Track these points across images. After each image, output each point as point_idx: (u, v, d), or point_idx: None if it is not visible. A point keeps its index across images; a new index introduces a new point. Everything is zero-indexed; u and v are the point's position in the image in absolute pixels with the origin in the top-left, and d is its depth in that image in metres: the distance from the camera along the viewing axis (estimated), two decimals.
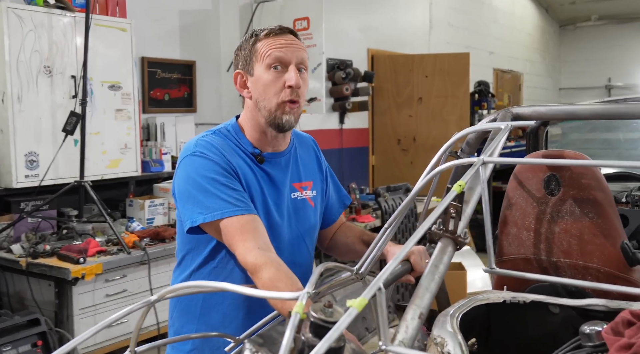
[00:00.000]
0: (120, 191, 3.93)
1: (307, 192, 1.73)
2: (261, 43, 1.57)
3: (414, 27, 7.44)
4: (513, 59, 10.20)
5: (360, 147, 6.56)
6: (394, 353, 0.98)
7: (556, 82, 12.49)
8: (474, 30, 8.88)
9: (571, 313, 1.51)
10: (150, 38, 4.27)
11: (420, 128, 6.58)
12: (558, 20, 12.34)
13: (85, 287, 3.03)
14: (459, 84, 6.43)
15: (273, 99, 1.56)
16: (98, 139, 3.54)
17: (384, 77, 6.61)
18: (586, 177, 1.52)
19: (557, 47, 12.49)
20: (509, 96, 9.97)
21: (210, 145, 1.58)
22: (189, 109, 4.58)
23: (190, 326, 1.67)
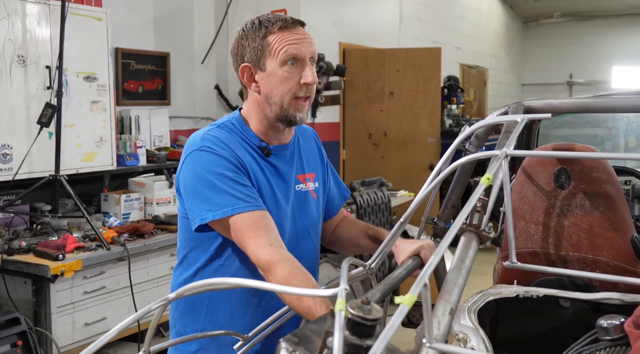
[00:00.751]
0: (94, 185, 3.82)
1: (310, 184, 1.71)
2: (274, 37, 1.52)
3: (384, 22, 7.45)
4: (479, 54, 10.32)
5: (331, 141, 6.54)
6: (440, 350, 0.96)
7: (519, 78, 12.71)
8: (442, 26, 8.95)
9: (582, 306, 1.52)
10: (124, 28, 4.15)
11: (392, 123, 6.60)
12: (522, 17, 12.55)
13: (64, 284, 2.93)
14: (430, 79, 6.47)
15: (287, 96, 1.52)
16: (73, 132, 3.43)
17: (355, 71, 6.59)
18: (597, 170, 1.52)
19: (520, 43, 12.69)
20: (475, 92, 10.09)
21: (218, 139, 1.54)
22: (162, 101, 4.48)
23: (196, 326, 1.62)
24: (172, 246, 3.40)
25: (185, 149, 1.57)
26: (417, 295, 0.89)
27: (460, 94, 7.67)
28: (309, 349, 0.98)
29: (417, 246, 1.55)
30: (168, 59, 4.48)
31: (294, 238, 1.63)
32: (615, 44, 11.86)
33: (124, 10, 4.13)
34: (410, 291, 0.89)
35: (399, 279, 1.43)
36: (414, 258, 1.55)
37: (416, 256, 1.55)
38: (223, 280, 1.18)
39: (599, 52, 11.99)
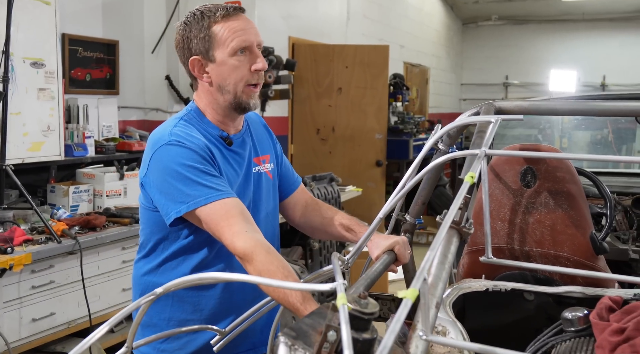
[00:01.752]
0: (39, 176, 3.68)
1: (266, 166, 1.75)
2: (218, 26, 1.55)
3: (332, 18, 7.49)
4: (421, 53, 10.53)
5: (279, 135, 6.50)
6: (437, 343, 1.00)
7: (459, 78, 13.04)
8: (387, 24, 9.08)
9: (546, 299, 1.60)
10: (71, 13, 4.01)
11: (340, 118, 6.66)
12: (462, 18, 12.87)
13: (10, 279, 2.82)
14: (378, 76, 6.56)
15: (240, 84, 1.56)
16: (19, 120, 3.29)
17: (304, 66, 6.60)
18: (561, 170, 1.61)
19: (460, 43, 13.02)
20: (417, 90, 10.28)
21: (186, 133, 1.56)
22: (111, 91, 4.36)
23: (164, 314, 1.62)
24: (124, 239, 3.32)
25: (152, 144, 1.56)
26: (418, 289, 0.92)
27: (406, 91, 7.81)
28: (307, 343, 0.99)
29: (392, 241, 1.59)
30: (117, 47, 4.37)
31: (259, 224, 1.65)
32: (548, 47, 12.34)
33: None
34: (411, 285, 0.92)
35: (378, 273, 1.46)
36: (389, 253, 1.59)
37: (390, 251, 1.59)
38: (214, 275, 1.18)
39: (534, 55, 12.45)
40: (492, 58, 12.89)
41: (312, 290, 1.09)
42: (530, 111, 1.59)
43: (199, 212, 1.47)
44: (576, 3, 11.17)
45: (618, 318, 1.31)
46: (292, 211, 1.84)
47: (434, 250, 1.01)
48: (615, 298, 1.39)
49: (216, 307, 1.60)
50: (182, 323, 1.58)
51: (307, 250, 4.96)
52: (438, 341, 0.94)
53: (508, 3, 11.64)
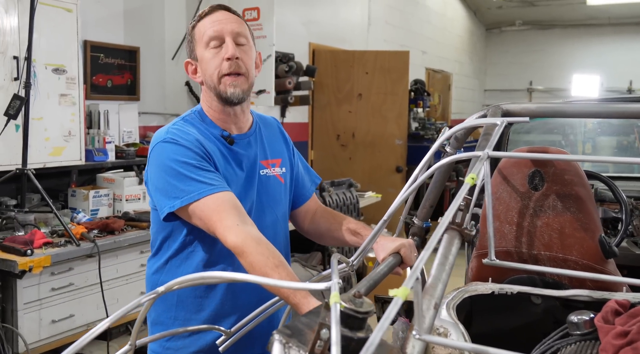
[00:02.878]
0: (61, 180, 3.75)
1: (275, 169, 1.76)
2: (198, 25, 1.63)
3: (353, 24, 7.51)
4: (444, 59, 10.49)
5: (300, 141, 6.56)
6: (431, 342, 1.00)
7: (482, 84, 12.96)
8: (409, 29, 9.07)
9: (553, 303, 1.58)
10: (93, 21, 4.09)
11: (360, 124, 6.66)
12: (485, 24, 12.80)
13: (31, 280, 2.88)
14: (399, 82, 6.55)
15: (214, 74, 1.60)
16: (41, 125, 3.36)
17: (324, 72, 6.63)
18: (569, 173, 1.59)
19: (483, 49, 12.94)
20: (439, 96, 10.24)
21: (181, 131, 1.59)
22: (132, 97, 4.42)
23: (169, 313, 1.64)
24: (142, 243, 3.37)
25: (151, 143, 1.62)
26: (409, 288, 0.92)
27: (427, 97, 7.79)
28: (302, 341, 1.00)
29: (398, 244, 1.59)
30: (138, 53, 4.43)
31: (267, 226, 1.67)
32: (573, 52, 12.21)
33: (93, 2, 4.07)
34: (403, 284, 0.93)
35: (382, 275, 1.46)
36: (394, 256, 1.59)
37: (396, 253, 1.59)
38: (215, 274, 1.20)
39: (558, 60, 12.32)
40: (516, 64, 12.79)
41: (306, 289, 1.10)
42: (537, 113, 1.58)
43: (193, 207, 1.49)
44: (602, 7, 11.03)
45: (623, 321, 1.29)
46: (301, 219, 1.86)
47: (428, 250, 1.01)
48: (622, 301, 1.37)
49: (219, 307, 1.62)
50: (186, 321, 1.60)
51: (325, 256, 4.97)
52: (432, 340, 0.94)
53: (532, 8, 11.54)
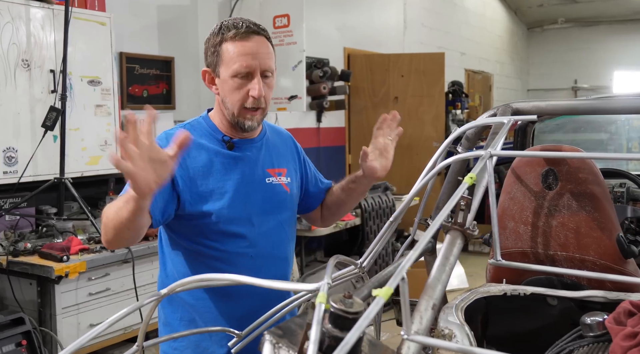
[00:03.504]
0: (99, 188, 3.87)
1: (281, 178, 1.77)
2: (227, 45, 1.58)
3: (388, 27, 7.50)
4: (484, 60, 10.35)
5: (337, 146, 6.58)
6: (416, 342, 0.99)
7: (524, 84, 12.72)
8: (446, 31, 8.99)
9: (569, 304, 1.55)
10: (128, 33, 4.21)
11: None
12: (526, 23, 12.57)
13: (68, 286, 2.97)
14: (434, 84, 6.51)
15: (236, 105, 1.60)
16: (77, 135, 3.48)
17: (360, 76, 6.64)
18: (583, 171, 1.55)
19: (525, 49, 12.71)
20: (480, 97, 10.10)
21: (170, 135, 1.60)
22: (167, 106, 4.53)
23: (177, 314, 1.67)
24: None
25: None
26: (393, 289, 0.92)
27: (465, 99, 7.70)
28: (292, 341, 1.01)
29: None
30: (173, 63, 4.54)
31: (269, 232, 1.69)
32: (618, 49, 11.86)
33: (128, 15, 4.19)
34: (387, 284, 0.93)
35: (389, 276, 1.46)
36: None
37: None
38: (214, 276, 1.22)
39: (603, 57, 12.00)
40: (559, 62, 12.51)
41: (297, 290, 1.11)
42: (546, 111, 1.55)
43: None
44: None
45: (635, 323, 1.26)
46: (315, 217, 1.93)
47: (416, 250, 1.01)
48: (637, 302, 1.33)
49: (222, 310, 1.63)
50: (191, 322, 1.63)
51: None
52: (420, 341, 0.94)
53: (574, 5, 11.28)
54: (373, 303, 0.88)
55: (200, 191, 1.60)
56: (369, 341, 1.11)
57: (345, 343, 0.82)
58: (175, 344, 1.67)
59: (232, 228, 1.63)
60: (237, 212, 1.64)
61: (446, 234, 1.29)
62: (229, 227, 1.63)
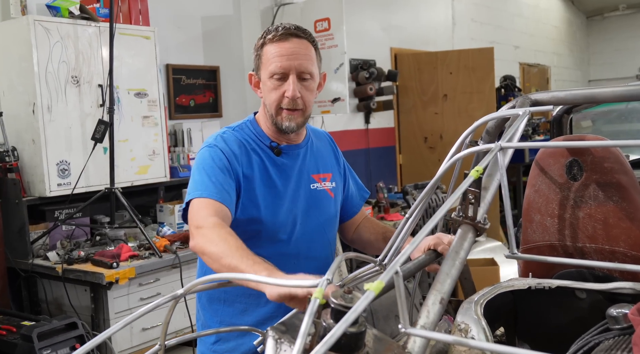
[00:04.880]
0: (150, 197, 4.00)
1: (326, 184, 1.77)
2: (267, 48, 1.62)
3: (436, 25, 7.41)
4: (539, 52, 10.07)
5: (387, 146, 6.56)
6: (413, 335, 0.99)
7: (585, 74, 12.29)
8: (498, 25, 8.80)
9: (599, 297, 1.50)
10: (173, 45, 4.34)
11: (447, 125, 6.55)
12: (585, 11, 12.15)
13: (120, 291, 3.09)
14: (484, 80, 6.38)
15: (273, 105, 1.63)
16: (126, 146, 3.61)
17: (407, 75, 6.59)
18: (609, 160, 1.50)
19: (584, 38, 12.29)
20: (536, 90, 9.84)
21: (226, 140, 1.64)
22: (214, 114, 4.64)
23: (217, 318, 1.70)
24: None
25: (202, 144, 1.69)
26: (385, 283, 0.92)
27: (518, 93, 7.52)
28: (295, 336, 1.02)
29: (433, 241, 1.57)
30: (218, 72, 4.64)
31: (309, 235, 1.69)
32: None
33: (173, 27, 4.31)
34: (379, 278, 0.93)
35: (407, 273, 1.46)
36: (428, 253, 1.57)
37: (431, 250, 1.58)
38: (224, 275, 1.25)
39: None
40: (622, 50, 12.02)
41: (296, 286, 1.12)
42: (565, 101, 1.50)
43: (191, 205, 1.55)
44: None
45: None
46: (347, 231, 1.91)
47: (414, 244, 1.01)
48: None
49: (264, 311, 1.65)
50: (232, 325, 1.65)
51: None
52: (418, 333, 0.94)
53: None
54: (363, 296, 0.89)
55: (251, 196, 1.63)
56: (374, 335, 1.11)
57: (332, 335, 0.83)
58: (214, 347, 1.70)
59: (276, 233, 1.66)
60: (284, 219, 1.66)
61: (458, 229, 1.28)
62: (275, 234, 1.66)
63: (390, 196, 5.30)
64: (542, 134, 7.71)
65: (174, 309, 1.25)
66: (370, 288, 0.90)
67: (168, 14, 4.28)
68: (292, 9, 4.86)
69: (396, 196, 5.37)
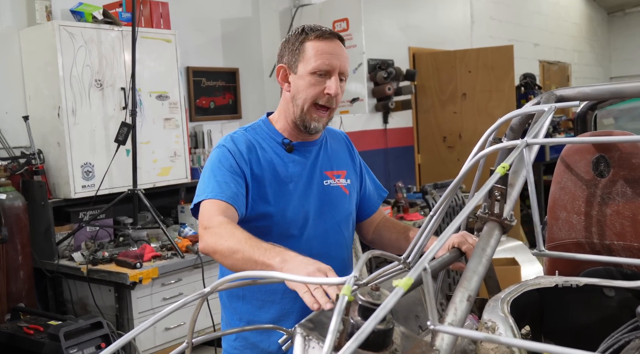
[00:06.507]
0: (172, 198, 4.03)
1: (340, 180, 1.78)
2: (310, 44, 1.63)
3: (455, 23, 7.38)
4: (560, 49, 9.97)
5: (405, 146, 6.54)
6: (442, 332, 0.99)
7: (607, 71, 12.14)
8: (517, 23, 8.74)
9: (628, 295, 1.48)
10: (193, 48, 4.37)
11: (466, 124, 6.51)
12: (605, 7, 12.00)
13: (143, 291, 3.12)
14: (504, 78, 6.34)
15: (308, 100, 1.63)
16: (148, 148, 3.65)
17: (426, 74, 6.57)
18: (636, 156, 1.49)
19: (606, 35, 12.14)
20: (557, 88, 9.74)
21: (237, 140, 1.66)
22: (234, 115, 4.66)
23: (236, 314, 1.71)
24: None
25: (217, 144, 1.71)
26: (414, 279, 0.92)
27: (538, 91, 7.45)
28: (323, 334, 1.03)
29: (458, 240, 1.57)
30: (237, 74, 4.67)
31: (324, 234, 1.70)
32: None
33: (193, 30, 4.35)
34: (408, 274, 0.93)
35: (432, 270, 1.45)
36: (453, 251, 1.57)
37: (455, 249, 1.57)
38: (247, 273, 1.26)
39: None
40: None
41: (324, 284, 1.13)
42: (591, 96, 1.49)
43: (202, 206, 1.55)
44: None
45: None
46: (365, 231, 1.90)
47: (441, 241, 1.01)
48: None
49: (280, 307, 1.66)
50: (250, 323, 1.67)
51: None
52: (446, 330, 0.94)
53: None
54: (392, 293, 0.89)
55: (261, 192, 1.64)
56: (402, 333, 1.11)
57: (362, 331, 0.83)
58: (235, 344, 1.72)
59: (289, 230, 1.66)
60: (295, 214, 1.67)
61: (484, 226, 1.27)
62: (286, 229, 1.66)
63: (409, 196, 5.28)
64: (562, 132, 7.64)
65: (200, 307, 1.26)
66: (399, 285, 0.90)
67: (188, 17, 4.32)
68: (311, 10, 4.87)
69: (415, 196, 5.36)
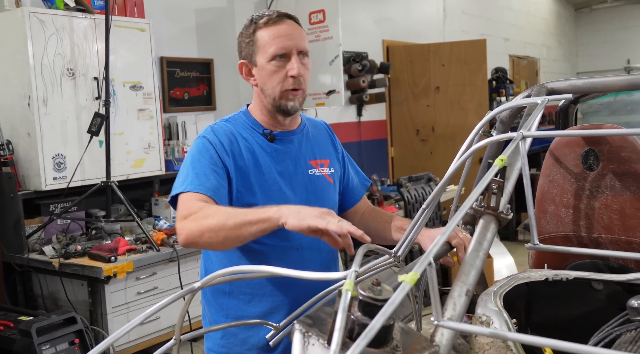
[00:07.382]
0: (145, 190, 3.95)
1: (324, 169, 1.75)
2: (261, 32, 1.60)
3: (428, 17, 7.40)
4: (529, 44, 10.10)
5: (378, 139, 6.55)
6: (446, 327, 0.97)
7: (574, 66, 12.36)
8: (488, 18, 8.82)
9: (616, 288, 1.49)
10: (167, 38, 4.28)
11: (439, 117, 6.55)
12: (573, 4, 12.20)
13: (117, 285, 3.05)
14: (476, 72, 6.39)
15: (277, 88, 1.60)
16: (122, 140, 3.56)
17: (399, 68, 6.58)
18: (626, 150, 1.49)
19: (573, 30, 12.35)
20: (526, 82, 9.87)
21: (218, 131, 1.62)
22: (208, 107, 4.59)
23: (222, 312, 1.67)
24: None
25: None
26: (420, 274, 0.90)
27: (509, 85, 7.54)
28: (322, 330, 1.00)
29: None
30: (212, 65, 4.59)
31: None
32: None
33: (166, 20, 4.26)
34: (413, 269, 0.91)
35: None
36: (442, 245, 1.55)
37: (445, 243, 1.56)
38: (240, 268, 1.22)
39: None
40: (610, 42, 12.10)
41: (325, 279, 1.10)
42: (583, 89, 1.49)
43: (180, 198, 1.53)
44: None
45: None
46: (350, 220, 1.86)
47: (444, 234, 0.99)
48: None
49: (271, 300, 1.64)
50: (238, 319, 1.63)
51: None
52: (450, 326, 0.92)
53: None
54: (399, 288, 0.87)
55: (246, 183, 1.61)
56: (401, 329, 1.09)
57: (370, 329, 0.81)
58: (222, 342, 1.68)
59: None
60: (279, 203, 1.64)
61: (480, 219, 1.26)
62: None
63: (383, 188, 5.29)
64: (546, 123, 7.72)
65: (189, 303, 1.23)
66: (405, 280, 0.88)
67: (162, 6, 4.23)
68: (287, 0, 4.82)
69: (389, 189, 5.37)
